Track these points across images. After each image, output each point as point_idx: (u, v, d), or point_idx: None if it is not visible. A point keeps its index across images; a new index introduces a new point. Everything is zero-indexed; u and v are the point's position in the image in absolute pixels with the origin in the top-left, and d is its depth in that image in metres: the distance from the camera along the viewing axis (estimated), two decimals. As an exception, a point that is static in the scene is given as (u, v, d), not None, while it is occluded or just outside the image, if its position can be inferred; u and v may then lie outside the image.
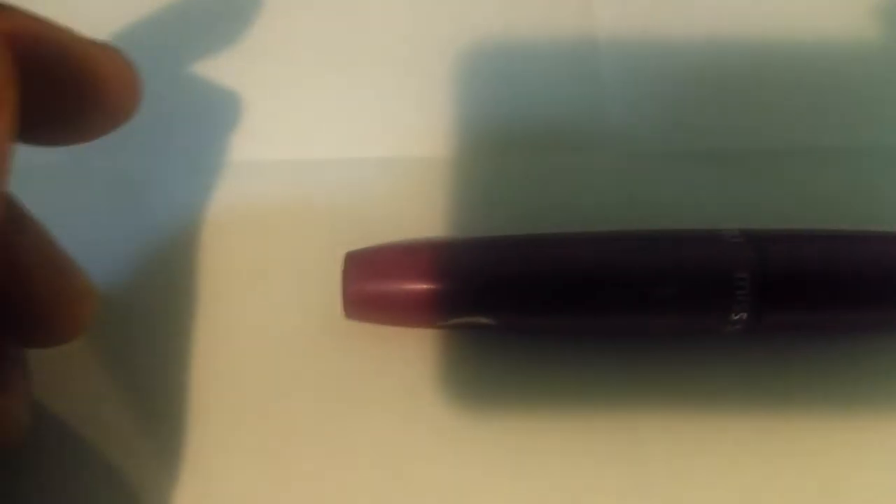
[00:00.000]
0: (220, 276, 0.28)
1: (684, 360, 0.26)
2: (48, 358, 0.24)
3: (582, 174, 0.29)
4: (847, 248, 0.26)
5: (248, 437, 0.26)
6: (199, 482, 0.25)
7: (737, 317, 0.25)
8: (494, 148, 0.30)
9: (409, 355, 0.26)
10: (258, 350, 0.27)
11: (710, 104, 0.30)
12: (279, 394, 0.26)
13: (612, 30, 0.32)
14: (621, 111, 0.30)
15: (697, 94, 0.31)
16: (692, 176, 0.29)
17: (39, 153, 0.22)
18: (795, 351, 0.26)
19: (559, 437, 0.26)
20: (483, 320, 0.26)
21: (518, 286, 0.25)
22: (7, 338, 0.22)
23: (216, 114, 0.30)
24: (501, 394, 0.26)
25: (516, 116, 0.30)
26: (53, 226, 0.22)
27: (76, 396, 0.25)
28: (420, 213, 0.28)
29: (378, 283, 0.25)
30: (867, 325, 0.26)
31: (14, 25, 0.19)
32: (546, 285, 0.25)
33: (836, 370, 0.26)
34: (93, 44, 0.21)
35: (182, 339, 0.27)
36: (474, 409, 0.26)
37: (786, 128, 0.30)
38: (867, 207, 0.29)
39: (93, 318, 0.22)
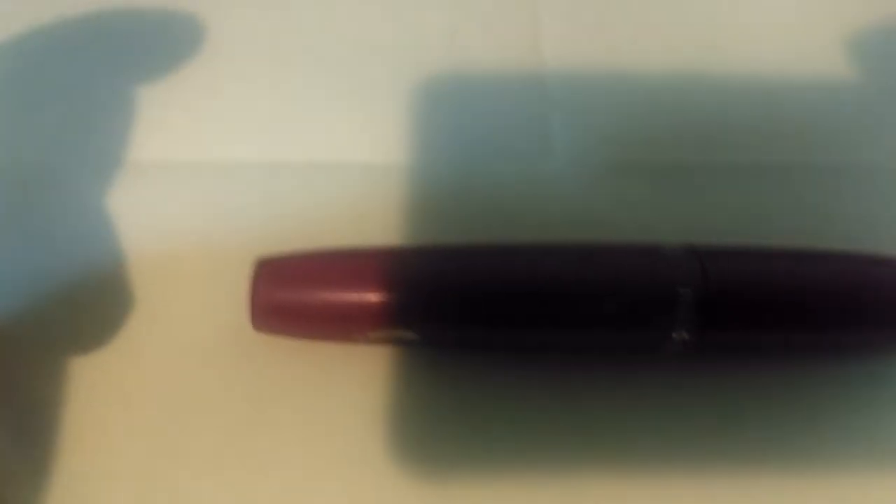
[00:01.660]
0: (119, 283, 0.25)
1: (622, 382, 0.25)
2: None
3: (524, 185, 0.28)
4: (797, 266, 0.24)
5: (136, 461, 0.23)
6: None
7: (678, 336, 0.23)
8: (432, 157, 0.28)
9: (324, 372, 0.24)
10: (157, 365, 0.24)
11: (655, 119, 0.29)
12: (177, 412, 0.24)
13: (559, 44, 0.31)
14: (566, 123, 0.29)
15: (642, 109, 0.30)
16: (636, 190, 0.28)
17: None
18: (740, 377, 0.25)
19: (484, 459, 0.23)
20: (405, 334, 0.23)
21: (444, 299, 0.23)
22: None
23: (123, 112, 0.28)
24: (424, 415, 0.24)
25: (456, 126, 0.29)
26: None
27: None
28: (345, 221, 0.27)
29: (290, 292, 0.23)
30: (816, 346, 0.25)
31: None
32: (473, 298, 0.23)
33: (784, 396, 0.25)
34: None
35: (70, 351, 0.24)
36: (394, 432, 0.24)
37: (734, 144, 0.29)
38: (814, 225, 0.27)
39: None
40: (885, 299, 0.24)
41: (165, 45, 0.30)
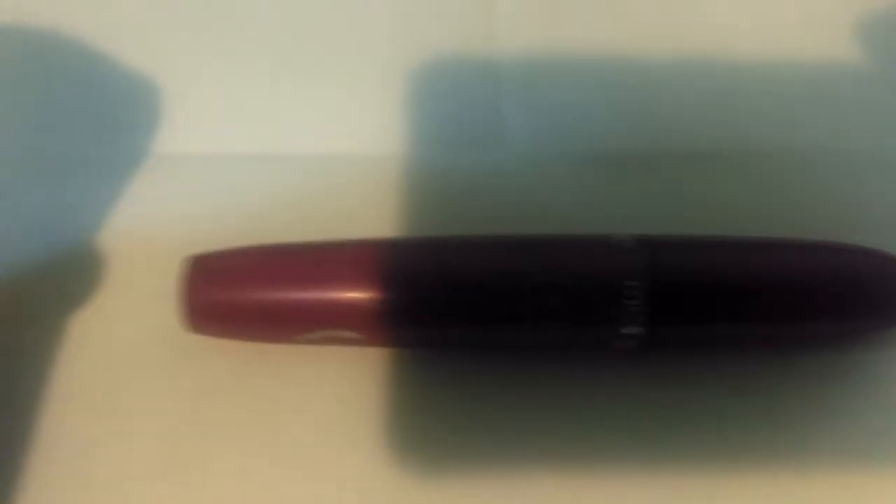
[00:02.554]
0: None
1: (572, 381, 0.24)
2: None
3: (477, 175, 0.27)
4: (752, 257, 0.24)
5: (77, 462, 0.22)
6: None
7: (629, 331, 0.22)
8: (383, 146, 0.27)
9: (260, 374, 0.23)
10: (99, 367, 0.24)
11: (608, 107, 0.29)
12: (117, 415, 0.23)
13: (514, 30, 0.30)
14: (518, 111, 0.28)
15: (595, 97, 0.29)
16: (591, 180, 0.27)
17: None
18: (693, 373, 0.24)
19: (427, 463, 0.22)
20: (345, 334, 0.23)
21: (384, 295, 0.22)
22: None
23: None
24: (365, 416, 0.23)
25: (407, 114, 0.28)
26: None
27: None
28: (297, 213, 0.26)
29: (222, 291, 0.22)
30: (772, 338, 0.24)
31: None
32: (414, 294, 0.22)
33: (740, 391, 0.24)
34: None
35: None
36: (336, 435, 0.23)
37: (691, 133, 0.28)
38: (772, 213, 0.26)
39: None
40: (842, 289, 0.23)
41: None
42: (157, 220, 0.26)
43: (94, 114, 0.28)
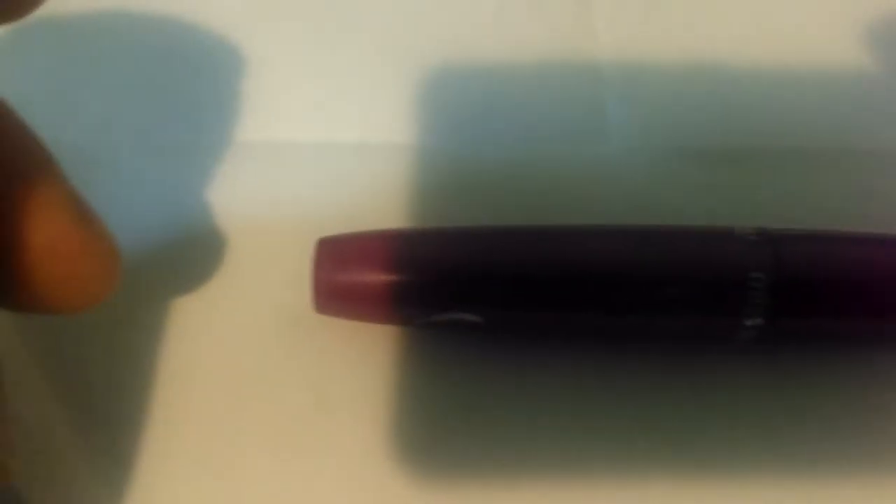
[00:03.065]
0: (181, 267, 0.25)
1: (692, 372, 0.24)
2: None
3: (580, 169, 0.27)
4: (874, 250, 0.24)
5: (199, 444, 0.22)
6: (143, 490, 0.22)
7: (751, 323, 0.22)
8: (483, 139, 0.28)
9: (382, 356, 0.24)
10: (220, 348, 0.24)
11: (716, 102, 0.28)
12: (238, 396, 0.23)
13: (613, 22, 0.30)
14: (621, 105, 0.28)
15: (702, 91, 0.29)
16: (696, 176, 0.27)
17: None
18: (814, 365, 0.24)
19: (541, 456, 0.23)
20: (469, 318, 0.23)
21: (510, 280, 0.23)
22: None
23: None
24: (482, 406, 0.23)
25: (511, 107, 0.28)
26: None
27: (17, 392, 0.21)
28: (403, 202, 0.26)
29: (351, 273, 0.23)
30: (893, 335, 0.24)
31: None
32: (541, 280, 0.23)
33: (860, 386, 0.24)
34: None
35: (134, 334, 0.24)
36: (448, 422, 0.23)
37: (800, 129, 0.28)
38: (882, 211, 0.26)
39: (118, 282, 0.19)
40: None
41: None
42: (262, 204, 0.26)
43: (204, 99, 0.28)
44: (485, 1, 0.30)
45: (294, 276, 0.23)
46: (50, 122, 0.20)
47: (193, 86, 0.28)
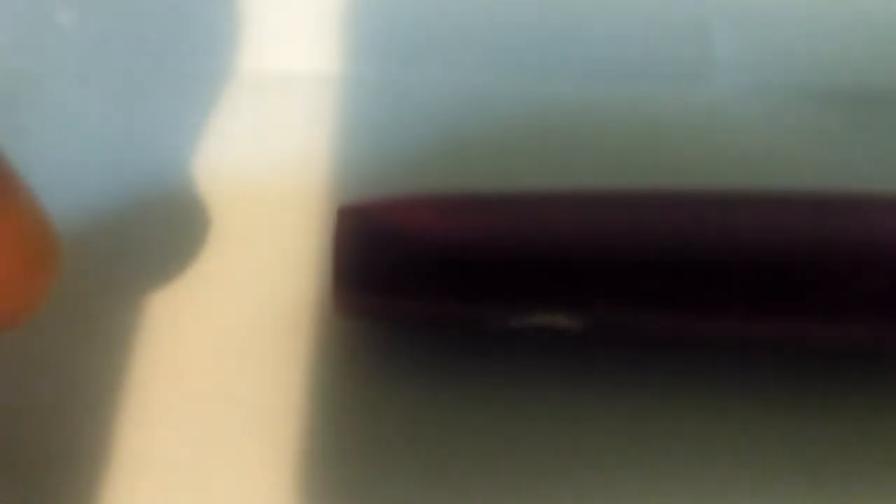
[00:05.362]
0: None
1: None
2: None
3: (678, 115, 0.23)
4: None
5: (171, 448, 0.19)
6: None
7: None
8: (563, 78, 0.24)
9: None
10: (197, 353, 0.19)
11: (846, 35, 0.25)
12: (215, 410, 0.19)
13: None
14: (730, 35, 0.25)
15: (835, 16, 0.25)
16: (819, 123, 0.23)
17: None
18: None
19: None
20: (562, 321, 0.16)
21: (629, 265, 0.15)
22: None
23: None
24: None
25: (589, 37, 0.24)
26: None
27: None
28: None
29: (398, 257, 0.15)
30: None
31: None
32: (674, 266, 0.16)
33: None
34: None
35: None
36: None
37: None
38: None
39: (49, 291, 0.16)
40: None
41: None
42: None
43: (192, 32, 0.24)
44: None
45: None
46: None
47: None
